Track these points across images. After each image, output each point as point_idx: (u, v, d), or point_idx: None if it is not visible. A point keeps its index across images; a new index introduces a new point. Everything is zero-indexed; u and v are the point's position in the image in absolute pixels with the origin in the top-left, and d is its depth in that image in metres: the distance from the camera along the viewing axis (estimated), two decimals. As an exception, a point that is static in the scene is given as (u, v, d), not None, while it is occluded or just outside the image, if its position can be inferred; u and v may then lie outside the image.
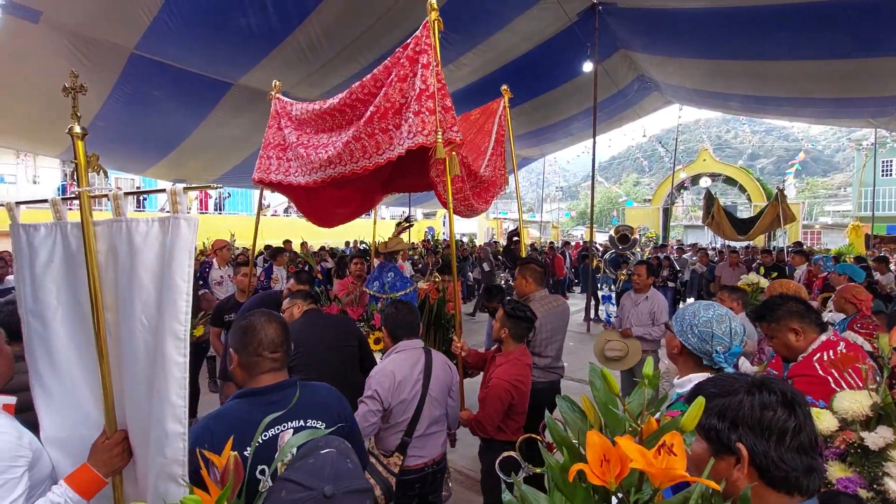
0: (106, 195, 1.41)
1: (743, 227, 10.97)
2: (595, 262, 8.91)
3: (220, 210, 18.63)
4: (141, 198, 16.05)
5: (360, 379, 2.33)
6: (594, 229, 9.14)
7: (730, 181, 20.93)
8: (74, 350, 1.46)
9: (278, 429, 1.34)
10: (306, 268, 8.05)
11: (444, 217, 26.70)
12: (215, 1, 4.96)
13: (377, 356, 2.87)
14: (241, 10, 5.16)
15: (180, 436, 1.24)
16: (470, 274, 11.03)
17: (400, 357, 2.16)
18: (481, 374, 2.73)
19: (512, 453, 1.72)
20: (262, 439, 1.29)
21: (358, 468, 0.96)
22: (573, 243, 16.49)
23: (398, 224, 4.20)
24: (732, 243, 12.01)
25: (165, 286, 1.28)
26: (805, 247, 11.74)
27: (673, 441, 0.66)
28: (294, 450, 1.06)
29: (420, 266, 9.75)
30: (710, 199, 11.08)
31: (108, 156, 9.25)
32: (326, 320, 2.74)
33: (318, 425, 1.38)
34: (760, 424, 0.79)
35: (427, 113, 2.28)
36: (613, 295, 4.60)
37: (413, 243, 13.64)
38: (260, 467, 1.24)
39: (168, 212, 1.33)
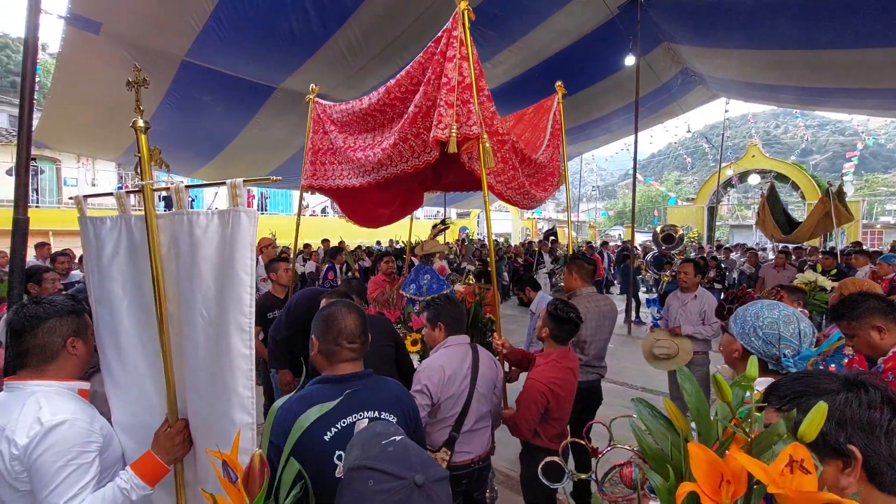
0: (167, 188, 1.45)
1: (788, 225, 10.29)
2: (636, 263, 8.63)
3: (263, 210, 19.29)
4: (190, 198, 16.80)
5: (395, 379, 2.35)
6: (634, 229, 8.85)
7: (781, 178, 19.82)
8: (139, 340, 1.51)
9: (356, 416, 1.36)
10: (345, 267, 8.20)
11: (479, 216, 26.59)
12: (260, 7, 5.11)
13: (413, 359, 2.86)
14: (283, 16, 5.30)
15: (249, 426, 1.27)
16: (505, 274, 10.94)
17: (448, 352, 2.15)
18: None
19: (555, 459, 1.67)
20: (341, 425, 1.32)
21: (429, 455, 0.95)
22: (612, 244, 16.02)
23: (434, 226, 4.19)
24: (784, 244, 11.35)
25: (227, 279, 1.29)
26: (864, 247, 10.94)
27: (802, 456, 0.59)
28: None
29: (456, 265, 9.74)
30: (772, 195, 10.39)
31: (164, 157, 9.77)
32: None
33: (390, 418, 1.40)
34: (870, 424, 0.74)
35: (446, 107, 2.26)
36: (657, 297, 4.42)
37: (448, 244, 13.64)
38: (337, 452, 1.29)
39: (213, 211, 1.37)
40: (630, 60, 7.45)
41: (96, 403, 1.45)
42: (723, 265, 8.70)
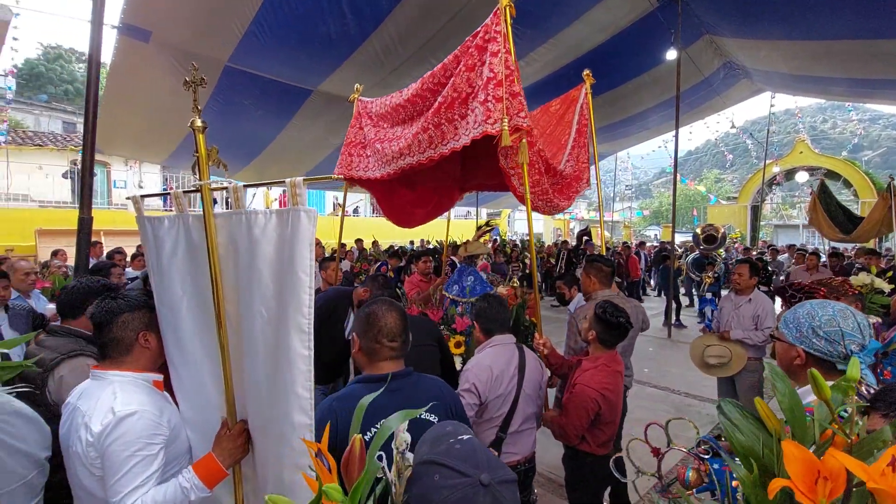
0: (226, 187, 1.47)
1: (847, 224, 9.68)
2: (676, 264, 8.34)
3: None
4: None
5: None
6: (674, 229, 8.54)
7: (831, 176, 18.74)
8: (199, 339, 1.53)
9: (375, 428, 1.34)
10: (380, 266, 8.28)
11: (510, 217, 26.35)
12: (299, 12, 5.22)
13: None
14: (321, 19, 5.40)
15: (307, 427, 1.26)
16: (537, 274, 10.79)
17: (495, 351, 2.13)
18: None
19: (620, 455, 1.63)
20: (381, 425, 1.30)
21: (497, 457, 0.93)
22: (648, 244, 15.54)
23: (479, 227, 4.15)
24: (837, 244, 10.71)
25: (287, 279, 1.28)
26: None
27: (904, 457, 0.55)
28: (407, 437, 1.02)
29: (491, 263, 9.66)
30: (824, 192, 9.77)
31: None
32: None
33: (432, 418, 1.37)
34: None
35: (493, 101, 2.22)
36: (711, 298, 4.18)
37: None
38: (378, 452, 1.26)
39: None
40: (671, 54, 7.21)
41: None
42: (770, 267, 8.28)
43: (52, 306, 3.13)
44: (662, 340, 7.55)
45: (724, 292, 6.26)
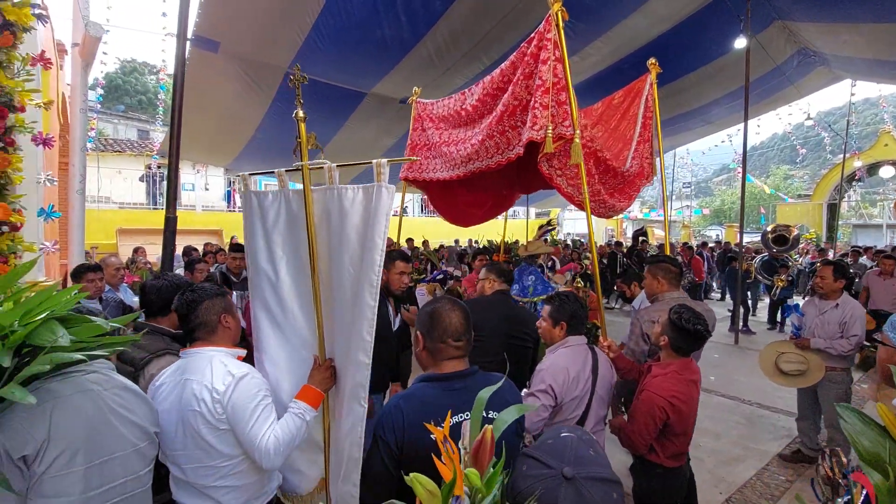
0: (321, 167, 1.74)
1: None
2: (744, 266, 7.81)
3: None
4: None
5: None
6: (743, 229, 8.02)
7: (922, 170, 16.89)
8: (296, 291, 1.92)
9: (462, 416, 1.32)
10: (429, 265, 8.36)
11: (559, 216, 25.77)
12: (355, 17, 5.35)
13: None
14: (377, 24, 5.50)
15: (366, 366, 1.54)
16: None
17: (570, 352, 2.10)
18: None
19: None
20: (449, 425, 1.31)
21: (603, 458, 0.90)
22: (710, 245, 14.67)
23: (540, 227, 4.10)
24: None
25: (367, 242, 1.58)
26: None
27: None
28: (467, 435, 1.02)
29: (549, 264, 9.46)
30: None
31: (265, 164, 10.64)
32: (511, 311, 2.66)
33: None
34: None
35: (541, 108, 2.27)
36: (796, 304, 3.83)
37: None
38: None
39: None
40: (739, 43, 6.76)
41: None
42: (851, 271, 7.58)
43: (137, 299, 3.39)
44: (729, 347, 7.11)
45: (798, 298, 5.78)
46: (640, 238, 9.81)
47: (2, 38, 2.49)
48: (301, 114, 1.84)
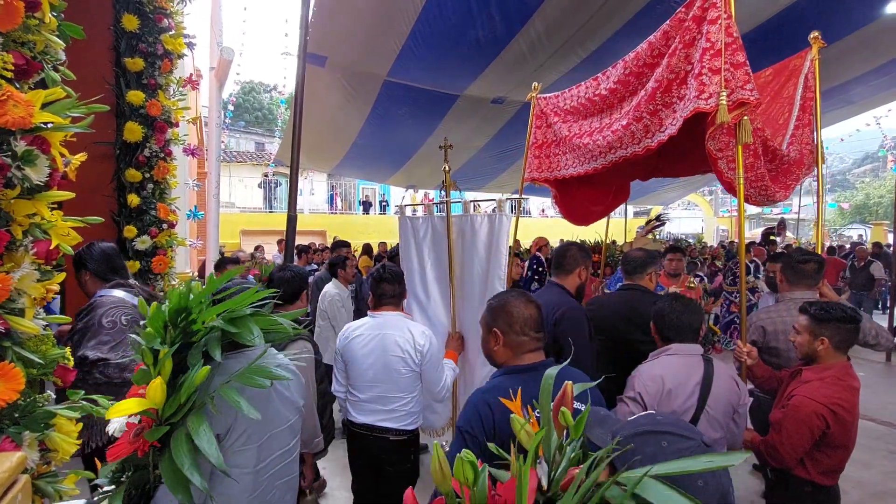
0: (460, 201, 2.59)
1: None
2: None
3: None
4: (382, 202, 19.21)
5: None
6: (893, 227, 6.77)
7: None
8: (437, 286, 3.04)
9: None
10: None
11: (661, 215, 23.94)
12: (450, 20, 5.46)
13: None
14: (471, 25, 5.57)
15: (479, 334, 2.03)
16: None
17: (671, 361, 1.88)
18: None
19: None
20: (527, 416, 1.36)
21: None
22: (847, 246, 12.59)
23: (647, 222, 3.85)
24: None
25: (494, 252, 2.68)
26: None
27: None
28: None
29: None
30: None
31: (363, 169, 11.31)
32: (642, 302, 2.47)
33: (579, 406, 1.30)
34: None
35: (709, 73, 1.95)
36: None
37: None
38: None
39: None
40: (892, 7, 5.74)
41: None
42: None
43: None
44: (878, 365, 6.06)
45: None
46: (771, 238, 8.66)
47: (163, 65, 2.95)
48: (447, 167, 3.02)
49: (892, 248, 6.98)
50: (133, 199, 2.74)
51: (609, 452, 0.76)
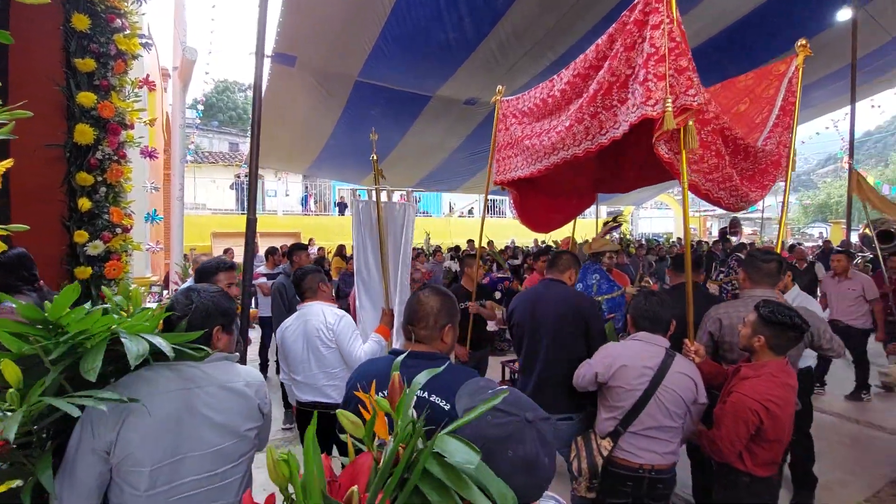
0: (393, 189, 2.48)
1: None
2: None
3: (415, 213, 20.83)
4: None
5: None
6: (849, 226, 7.11)
7: None
8: (375, 266, 3.45)
9: (383, 394, 1.40)
10: (494, 265, 8.32)
11: (632, 215, 24.44)
12: (420, 21, 5.46)
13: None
14: (441, 26, 5.58)
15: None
16: (667, 277, 9.81)
17: (632, 344, 2.11)
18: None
19: None
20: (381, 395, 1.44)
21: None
22: (809, 244, 13.11)
23: (605, 223, 3.92)
24: None
25: (404, 237, 3.43)
26: None
27: None
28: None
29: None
30: None
31: (337, 170, 11.20)
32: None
33: (435, 399, 1.35)
34: None
35: (655, 79, 1.96)
36: None
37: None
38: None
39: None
40: (843, 15, 6.01)
41: None
42: None
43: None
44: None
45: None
46: (727, 236, 8.99)
47: (116, 66, 2.87)
48: (375, 156, 3.55)
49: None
50: (84, 203, 2.65)
51: (422, 425, 0.81)
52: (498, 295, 4.42)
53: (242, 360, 2.74)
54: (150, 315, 1.30)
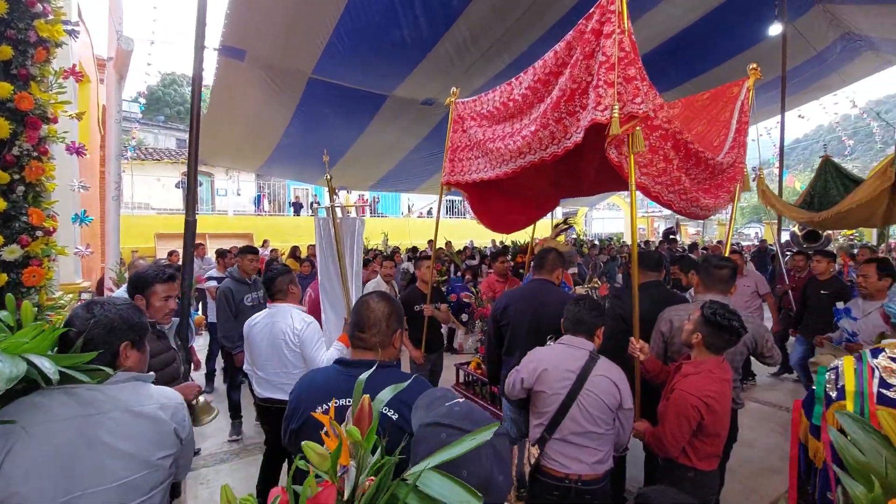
0: (349, 205, 2.20)
1: (823, 198, 6.00)
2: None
3: (374, 213, 20.58)
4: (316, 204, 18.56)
5: None
6: (779, 227, 7.63)
7: None
8: (335, 274, 3.52)
9: (327, 405, 1.37)
10: (452, 266, 8.33)
11: (586, 216, 25.26)
12: (374, 19, 5.38)
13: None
14: (395, 24, 5.52)
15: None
16: (619, 276, 10.20)
17: (557, 348, 2.12)
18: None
19: None
20: (324, 407, 1.39)
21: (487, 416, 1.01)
22: (746, 244, 14.02)
23: (556, 226, 4.00)
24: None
25: (357, 248, 3.64)
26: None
27: None
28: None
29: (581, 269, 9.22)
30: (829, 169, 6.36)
31: (292, 169, 10.85)
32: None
33: (384, 410, 1.32)
34: None
35: (605, 86, 2.04)
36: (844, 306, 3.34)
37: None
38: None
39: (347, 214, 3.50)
40: (774, 30, 6.44)
41: None
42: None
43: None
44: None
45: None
46: (671, 237, 9.47)
47: (36, 54, 2.63)
48: (329, 176, 3.63)
49: (776, 246, 7.85)
50: (-1, 204, 2.41)
51: (391, 455, 0.80)
52: (465, 317, 4.40)
53: (185, 379, 2.53)
54: (42, 332, 1.17)
